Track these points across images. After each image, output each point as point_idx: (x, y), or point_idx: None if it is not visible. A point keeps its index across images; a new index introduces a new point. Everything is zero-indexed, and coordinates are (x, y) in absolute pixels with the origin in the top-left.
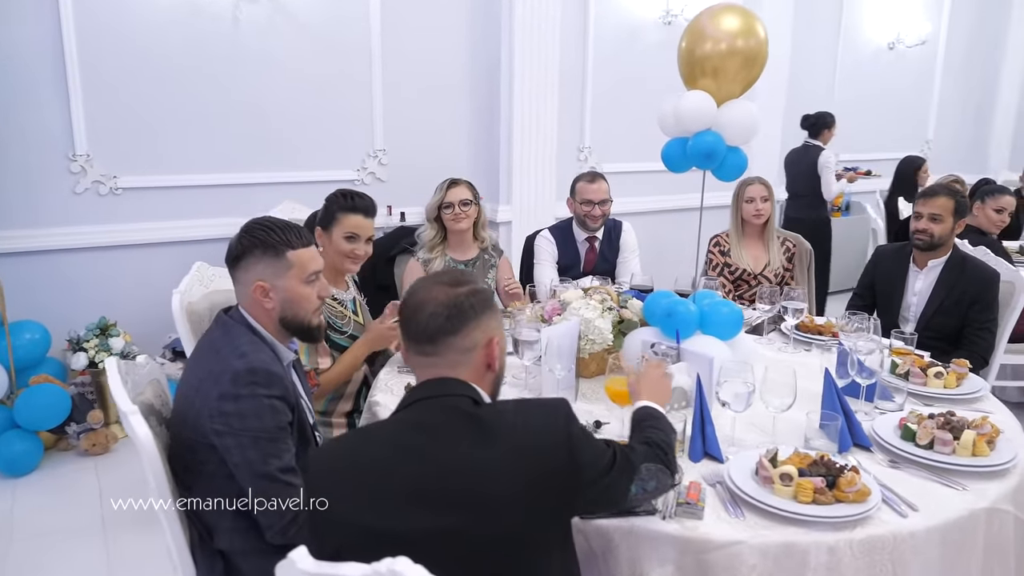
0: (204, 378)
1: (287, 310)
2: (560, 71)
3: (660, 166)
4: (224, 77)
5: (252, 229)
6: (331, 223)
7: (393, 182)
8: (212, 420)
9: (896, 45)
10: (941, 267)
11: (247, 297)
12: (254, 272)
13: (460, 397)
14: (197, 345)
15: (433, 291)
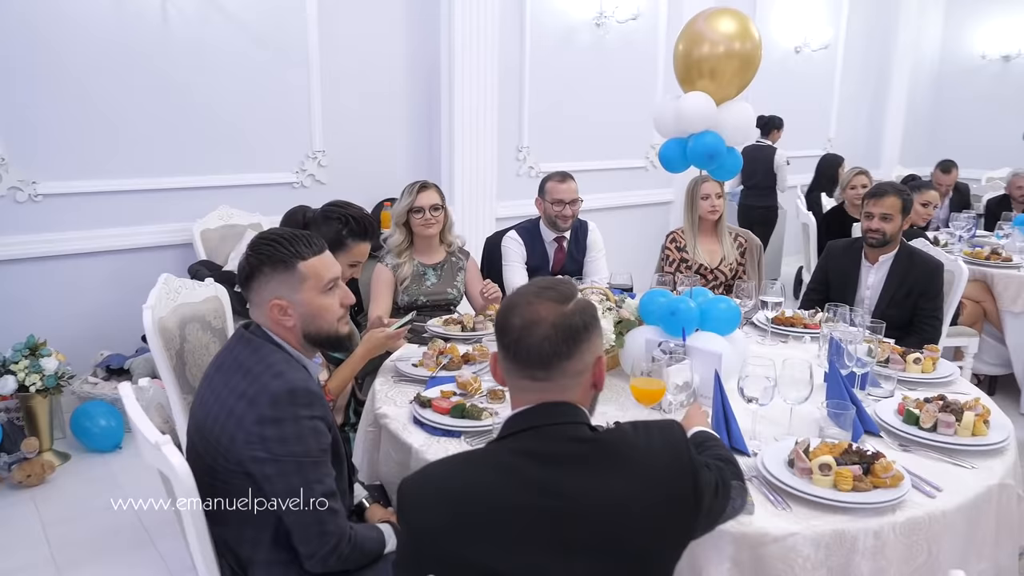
0: (235, 401)
1: (310, 325)
2: (499, 72)
3: (596, 164)
4: (153, 76)
5: (257, 245)
6: (340, 249)
7: (333, 185)
8: (250, 447)
9: (803, 48)
10: (891, 261)
11: (265, 316)
12: (268, 290)
13: (578, 424)
14: (215, 365)
15: (541, 310)
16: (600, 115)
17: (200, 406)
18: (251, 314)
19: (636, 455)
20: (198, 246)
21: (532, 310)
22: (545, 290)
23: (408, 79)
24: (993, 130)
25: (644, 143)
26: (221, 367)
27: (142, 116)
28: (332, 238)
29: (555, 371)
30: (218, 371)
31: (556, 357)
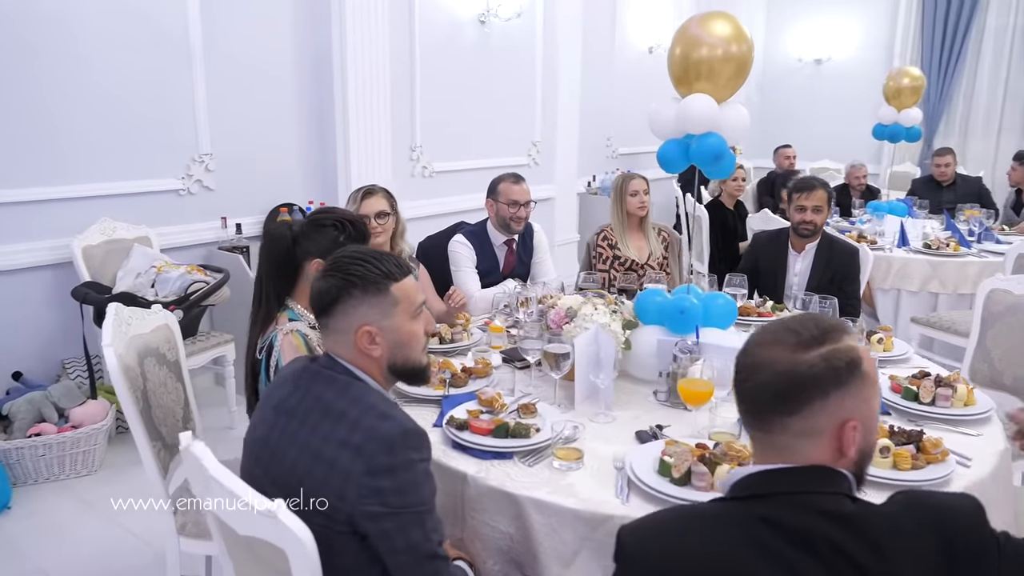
0: (335, 452)
1: (397, 354)
2: (391, 68)
3: (484, 163)
4: (12, 74)
5: (344, 266)
6: None
7: (223, 190)
8: (363, 502)
9: (655, 49)
10: (815, 249)
11: (349, 345)
12: (356, 316)
13: (831, 496)
14: (284, 410)
15: (772, 352)
16: (486, 113)
17: (271, 458)
18: (326, 343)
19: (899, 543)
20: (80, 265)
21: (762, 352)
22: (788, 331)
23: (298, 76)
24: (810, 126)
25: (526, 140)
26: (295, 412)
27: (3, 121)
28: (329, 247)
29: (774, 427)
30: (292, 417)
31: (773, 412)
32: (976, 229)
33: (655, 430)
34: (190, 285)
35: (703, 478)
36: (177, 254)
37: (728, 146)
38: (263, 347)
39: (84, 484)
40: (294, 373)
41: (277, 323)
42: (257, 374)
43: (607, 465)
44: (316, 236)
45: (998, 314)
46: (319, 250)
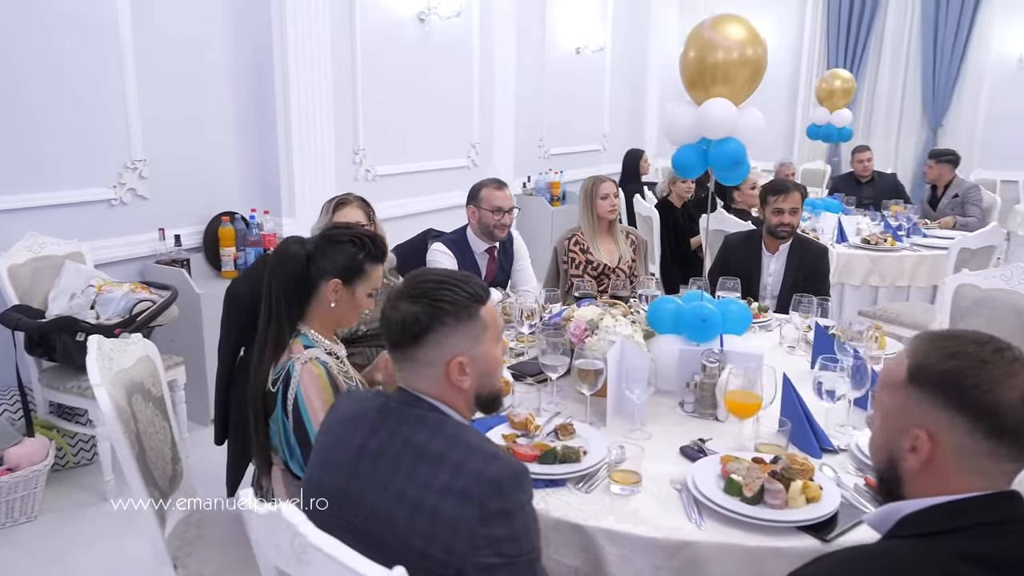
0: (438, 500)
1: (485, 383)
2: (333, 67)
3: (426, 165)
4: None
5: (431, 291)
6: (358, 277)
7: (159, 199)
8: (477, 553)
9: (583, 50)
10: (788, 249)
11: (436, 378)
12: (449, 346)
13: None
14: (368, 453)
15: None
16: (427, 114)
17: (355, 510)
18: (403, 376)
19: None
20: (6, 287)
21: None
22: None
23: (236, 75)
24: None
25: (466, 142)
26: (381, 456)
27: None
28: (347, 265)
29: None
30: (377, 462)
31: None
32: (905, 224)
33: (699, 445)
34: (136, 305)
35: (778, 496)
36: (112, 270)
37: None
38: (277, 378)
39: (25, 533)
40: (368, 412)
41: (291, 351)
42: (267, 409)
43: (663, 486)
44: (333, 253)
45: (967, 308)
46: (336, 269)
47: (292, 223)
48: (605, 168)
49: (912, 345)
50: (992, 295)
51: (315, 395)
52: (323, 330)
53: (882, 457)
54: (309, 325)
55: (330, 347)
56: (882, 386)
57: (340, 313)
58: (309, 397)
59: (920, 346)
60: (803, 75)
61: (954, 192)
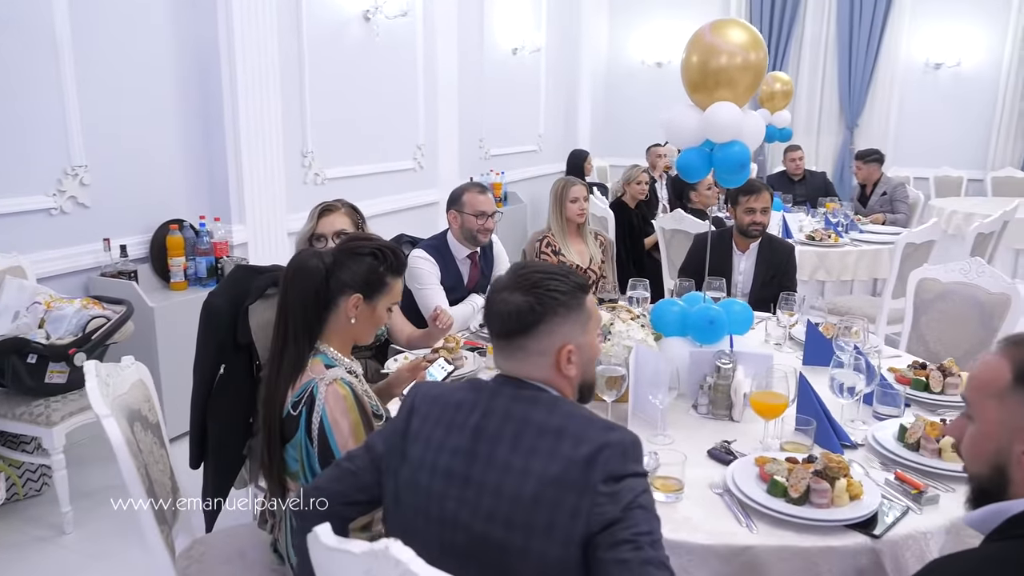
0: (562, 470)
1: (587, 371)
2: (280, 66)
3: (373, 168)
4: None
5: (541, 282)
6: (379, 290)
7: (101, 208)
8: (602, 520)
9: (519, 51)
10: (757, 248)
11: (546, 367)
12: (559, 335)
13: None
14: (489, 439)
15: None
16: (374, 116)
17: (479, 494)
18: (509, 365)
19: None
20: None
21: None
22: None
23: (181, 74)
24: (653, 126)
25: (411, 144)
26: (500, 437)
27: None
28: (366, 278)
29: None
30: (496, 443)
31: None
32: (844, 221)
33: (726, 447)
34: (89, 322)
35: (825, 495)
36: (54, 284)
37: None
38: (299, 400)
39: None
40: (474, 397)
41: (311, 371)
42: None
43: (702, 491)
44: (353, 266)
45: (929, 301)
46: (356, 283)
47: (242, 230)
48: (542, 168)
49: (1008, 351)
50: (952, 288)
51: (341, 417)
52: (342, 347)
53: (988, 464)
54: (328, 342)
55: (349, 365)
56: (982, 397)
57: (359, 329)
58: (335, 420)
59: (1018, 351)
60: None
61: (883, 190)
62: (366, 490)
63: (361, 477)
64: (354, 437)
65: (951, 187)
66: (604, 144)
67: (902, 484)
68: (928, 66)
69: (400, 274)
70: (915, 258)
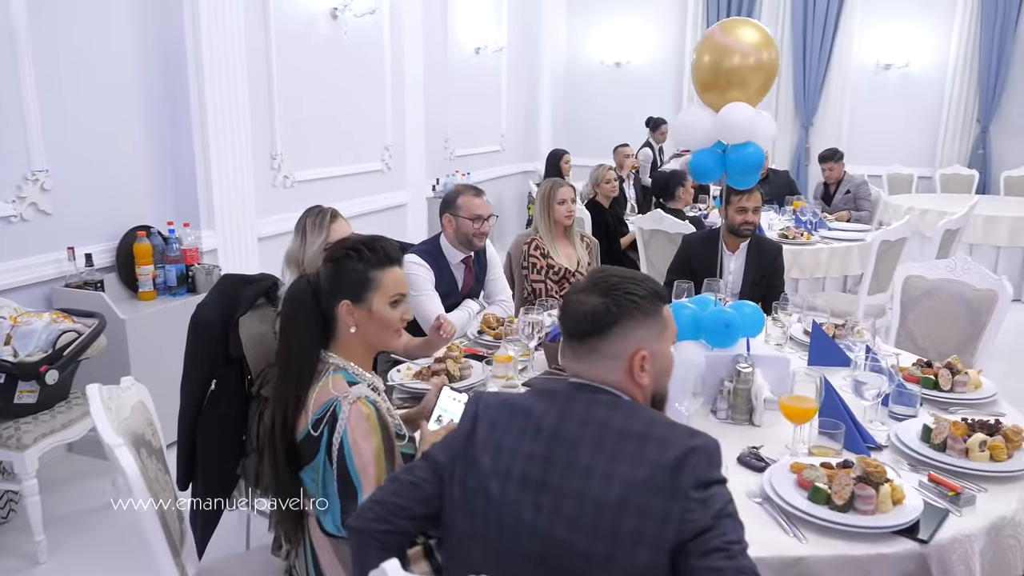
0: (648, 474)
1: (660, 383)
2: (248, 67)
3: (342, 170)
4: None
5: (617, 284)
6: (367, 289)
7: (64, 214)
8: (691, 526)
9: (482, 50)
10: (746, 248)
11: (619, 371)
12: (633, 340)
13: None
14: (567, 443)
15: None
16: (342, 116)
17: (558, 499)
18: (580, 367)
19: None
20: None
21: None
22: None
23: (146, 75)
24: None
25: (379, 145)
26: (579, 442)
27: None
28: (347, 280)
29: None
30: (576, 448)
31: None
32: (812, 219)
33: (755, 453)
34: (59, 337)
35: (870, 501)
36: (15, 296)
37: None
38: (321, 418)
39: None
40: (550, 400)
41: (334, 388)
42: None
43: (740, 500)
44: (336, 275)
45: (916, 298)
46: (340, 288)
47: (212, 235)
48: (505, 168)
49: None
50: (939, 285)
51: (363, 438)
52: (361, 361)
53: None
54: (345, 357)
55: (371, 380)
56: None
57: (367, 335)
58: (356, 441)
59: None
60: (686, 80)
61: (846, 188)
62: (428, 502)
63: (423, 489)
64: (376, 462)
65: (902, 184)
66: (564, 144)
67: (937, 486)
68: (879, 67)
69: (385, 265)
70: (889, 255)
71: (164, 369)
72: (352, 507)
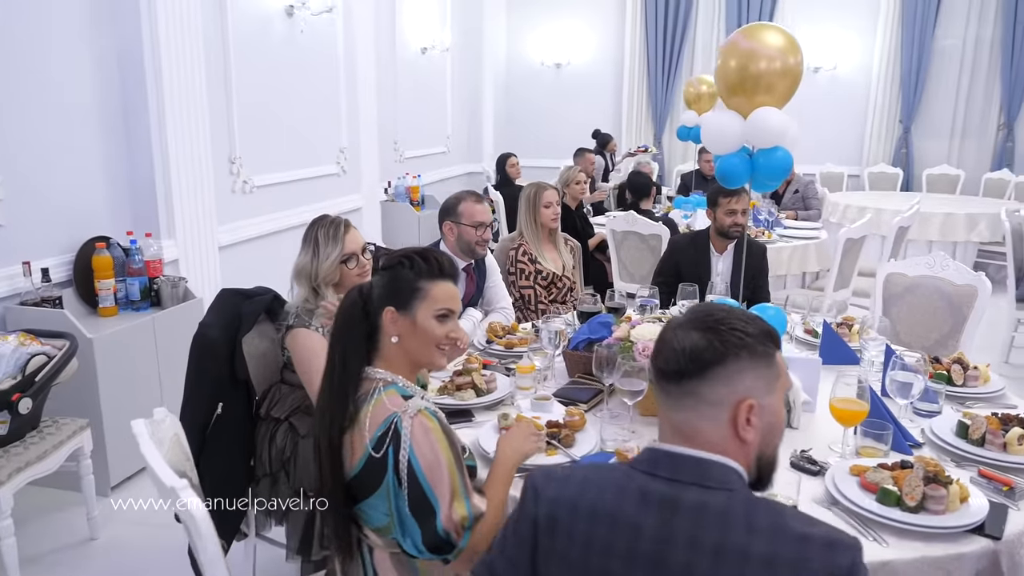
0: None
1: (769, 443)
2: (206, 67)
3: (305, 173)
4: None
5: (724, 320)
6: (413, 297)
7: (17, 226)
8: None
9: (428, 51)
10: (733, 249)
11: (720, 422)
12: (740, 385)
13: None
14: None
15: None
16: (299, 117)
17: None
18: (674, 415)
19: None
20: None
21: None
22: None
23: (100, 78)
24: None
25: (335, 147)
26: (686, 570)
27: None
28: (395, 286)
29: None
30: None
31: None
32: (769, 218)
33: (806, 456)
34: (28, 361)
35: (942, 501)
36: None
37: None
38: (383, 437)
39: None
40: (641, 512)
41: (390, 404)
42: (360, 486)
43: (807, 506)
44: (388, 283)
45: (897, 295)
46: (387, 294)
47: (172, 245)
48: (451, 170)
49: None
50: (919, 281)
51: (431, 452)
52: (406, 376)
53: None
54: (386, 367)
55: (419, 390)
56: None
57: (409, 348)
58: (424, 455)
59: None
60: (626, 80)
61: (795, 188)
62: None
63: None
64: (449, 474)
65: (835, 182)
66: (508, 145)
67: (990, 482)
68: (809, 69)
69: (436, 277)
70: (852, 252)
71: (137, 393)
72: (431, 525)
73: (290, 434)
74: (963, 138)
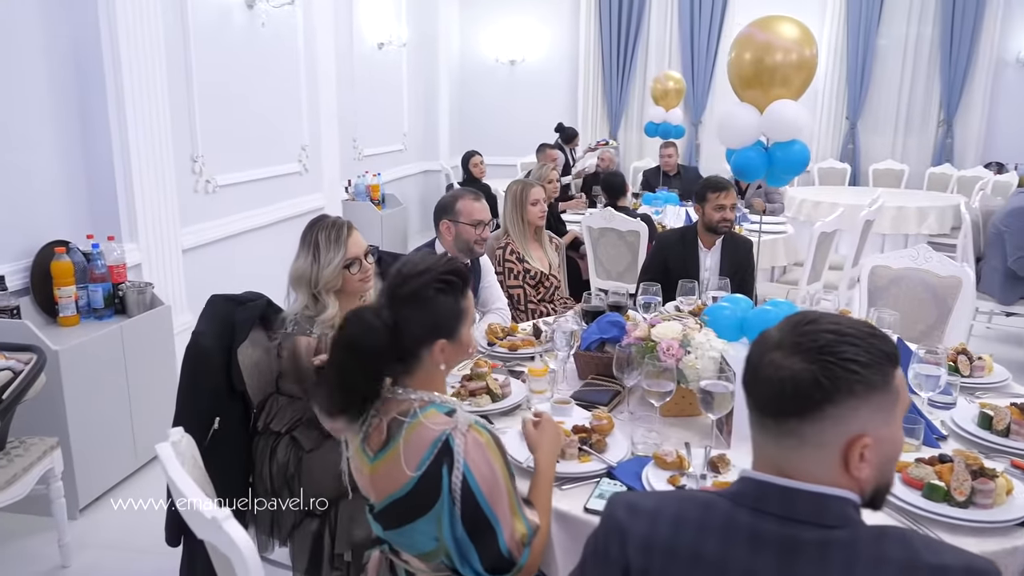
0: None
1: (885, 475)
2: (167, 61)
3: (268, 172)
4: None
5: (832, 346)
6: (460, 322)
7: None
8: None
9: (385, 46)
10: (721, 244)
11: (829, 466)
12: (853, 423)
13: None
14: None
15: None
16: (260, 114)
17: None
18: (776, 454)
19: None
20: None
21: None
22: None
23: (55, 72)
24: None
25: (296, 145)
26: None
27: None
28: (451, 316)
29: None
30: None
31: None
32: (736, 214)
33: None
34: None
35: (990, 495)
36: None
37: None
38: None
39: None
40: (747, 560)
41: (432, 425)
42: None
43: None
44: (422, 316)
45: (883, 287)
46: (436, 329)
47: (134, 249)
48: (408, 168)
49: None
50: (904, 273)
51: (487, 468)
52: (440, 389)
53: None
54: (423, 387)
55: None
56: None
57: (453, 365)
58: (480, 470)
59: None
60: (580, 77)
61: (758, 183)
62: None
63: None
64: (507, 491)
65: None
66: (464, 142)
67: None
68: None
69: (467, 289)
70: (824, 246)
71: (105, 407)
72: (493, 545)
73: (292, 448)
74: (906, 134)
